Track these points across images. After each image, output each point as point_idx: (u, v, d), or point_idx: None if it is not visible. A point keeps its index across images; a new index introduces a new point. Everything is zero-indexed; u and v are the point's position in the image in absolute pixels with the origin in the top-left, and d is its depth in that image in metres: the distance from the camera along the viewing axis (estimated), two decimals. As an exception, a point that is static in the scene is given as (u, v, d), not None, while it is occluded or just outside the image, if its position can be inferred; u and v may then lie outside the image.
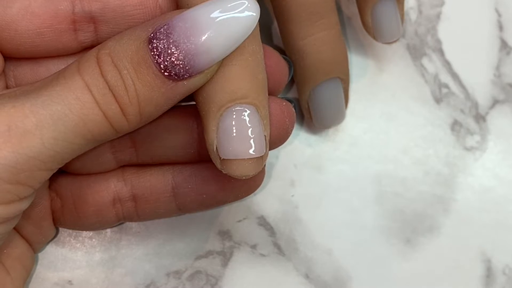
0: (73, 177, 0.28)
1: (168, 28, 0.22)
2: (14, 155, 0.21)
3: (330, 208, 0.32)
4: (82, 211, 0.28)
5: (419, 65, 0.34)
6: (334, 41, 0.30)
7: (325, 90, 0.30)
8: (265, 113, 0.24)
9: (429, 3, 0.35)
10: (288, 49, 0.30)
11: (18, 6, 0.25)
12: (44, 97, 0.22)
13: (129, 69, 0.22)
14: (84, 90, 0.22)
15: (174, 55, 0.22)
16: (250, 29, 0.23)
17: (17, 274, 0.27)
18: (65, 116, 0.22)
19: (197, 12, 0.22)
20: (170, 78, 0.23)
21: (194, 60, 0.22)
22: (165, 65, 0.22)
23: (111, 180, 0.28)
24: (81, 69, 0.23)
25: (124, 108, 0.23)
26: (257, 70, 0.24)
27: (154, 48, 0.22)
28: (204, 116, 0.24)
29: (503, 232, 0.32)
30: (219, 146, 0.23)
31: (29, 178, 0.22)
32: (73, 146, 0.23)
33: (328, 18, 0.29)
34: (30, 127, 0.22)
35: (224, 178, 0.28)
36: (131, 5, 0.25)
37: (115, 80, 0.22)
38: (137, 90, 0.23)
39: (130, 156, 0.28)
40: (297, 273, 0.31)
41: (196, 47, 0.22)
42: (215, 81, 0.23)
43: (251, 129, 0.23)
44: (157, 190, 0.28)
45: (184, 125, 0.27)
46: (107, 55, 0.23)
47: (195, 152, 0.28)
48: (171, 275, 0.30)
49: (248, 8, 0.23)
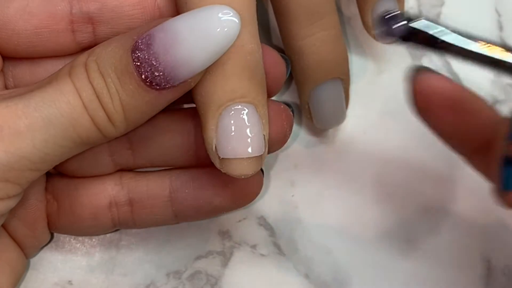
0: (70, 179, 0.28)
1: (149, 39, 0.22)
2: (5, 154, 0.22)
3: (330, 208, 0.32)
4: (78, 214, 0.28)
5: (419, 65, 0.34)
6: (334, 41, 0.30)
7: (326, 91, 0.30)
8: (264, 112, 0.24)
9: (429, 3, 0.35)
10: (288, 49, 0.30)
11: (15, 6, 0.25)
12: (37, 98, 0.22)
13: (113, 78, 0.23)
14: (75, 95, 0.22)
15: (154, 66, 0.22)
16: (232, 39, 0.23)
17: (5, 279, 0.27)
18: (55, 119, 0.22)
19: (176, 23, 0.22)
20: (152, 88, 0.23)
21: (174, 72, 0.22)
22: (146, 75, 0.22)
23: (108, 184, 0.28)
24: (71, 73, 0.23)
25: (110, 115, 0.23)
26: (256, 69, 0.24)
27: (135, 58, 0.22)
28: (203, 115, 0.24)
29: (503, 232, 0.32)
30: (218, 145, 0.23)
31: (18, 177, 0.23)
32: (63, 149, 0.23)
33: (328, 18, 0.29)
34: (22, 128, 0.22)
35: (222, 183, 0.28)
36: (129, 5, 0.25)
37: (101, 88, 0.23)
38: (121, 99, 0.23)
39: (127, 158, 0.28)
40: (297, 273, 0.31)
41: (175, 59, 0.22)
42: (214, 80, 0.23)
43: (250, 128, 0.23)
44: (154, 195, 0.28)
45: (181, 127, 0.27)
46: (93, 61, 0.23)
47: (193, 155, 0.28)
48: (171, 275, 0.30)
49: (230, 16, 0.23)
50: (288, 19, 0.29)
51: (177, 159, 0.28)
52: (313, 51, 0.29)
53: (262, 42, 0.25)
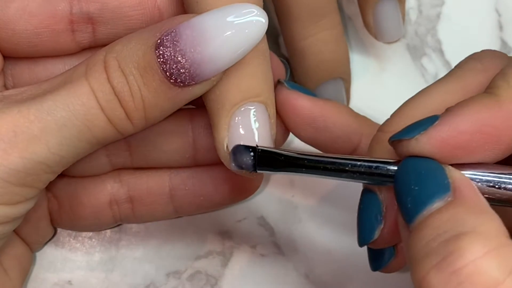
0: (69, 178, 0.28)
1: (175, 35, 0.22)
2: (21, 160, 0.22)
3: (330, 208, 0.32)
4: (79, 213, 0.28)
5: (419, 65, 0.34)
6: (336, 41, 0.30)
7: (327, 90, 0.30)
8: (273, 111, 0.24)
9: (429, 3, 0.35)
10: (290, 49, 0.30)
11: (15, 6, 0.25)
12: (50, 102, 0.22)
13: (136, 75, 0.22)
14: (90, 96, 0.22)
15: (180, 63, 0.22)
16: (258, 38, 0.23)
17: (15, 273, 0.27)
18: (69, 122, 0.22)
19: (204, 19, 0.22)
20: (176, 85, 0.22)
21: (200, 69, 0.22)
22: (171, 72, 0.22)
23: (108, 182, 0.28)
24: (88, 73, 0.23)
25: (130, 113, 0.23)
26: (267, 69, 0.24)
27: (160, 55, 0.22)
28: (216, 114, 0.23)
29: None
30: (230, 144, 0.23)
31: (35, 181, 0.23)
32: (78, 150, 0.23)
33: (330, 18, 0.29)
34: (36, 132, 0.22)
35: (222, 180, 0.28)
36: (129, 6, 0.25)
37: (121, 86, 0.22)
38: (143, 96, 0.23)
39: (124, 159, 0.28)
40: (297, 273, 0.31)
41: (202, 56, 0.22)
42: (229, 79, 0.23)
43: (260, 127, 0.23)
44: (154, 192, 0.28)
45: (179, 129, 0.27)
46: (114, 59, 0.23)
47: (190, 157, 0.28)
48: (171, 275, 0.30)
49: (257, 16, 0.22)
50: (290, 19, 0.29)
51: (175, 160, 0.28)
52: (315, 51, 0.29)
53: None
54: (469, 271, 0.17)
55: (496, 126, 0.20)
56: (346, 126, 0.27)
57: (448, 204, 0.19)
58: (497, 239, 0.18)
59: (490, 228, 0.18)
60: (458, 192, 0.19)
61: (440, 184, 0.19)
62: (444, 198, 0.19)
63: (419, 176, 0.20)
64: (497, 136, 0.20)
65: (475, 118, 0.20)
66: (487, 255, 0.17)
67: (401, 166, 0.21)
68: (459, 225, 0.18)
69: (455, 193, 0.19)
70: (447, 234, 0.18)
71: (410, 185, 0.20)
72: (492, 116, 0.20)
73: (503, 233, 0.18)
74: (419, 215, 0.19)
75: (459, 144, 0.20)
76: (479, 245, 0.17)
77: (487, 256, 0.17)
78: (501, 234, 0.18)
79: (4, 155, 0.21)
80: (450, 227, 0.18)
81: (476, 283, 0.17)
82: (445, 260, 0.17)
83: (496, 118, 0.20)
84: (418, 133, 0.20)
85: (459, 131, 0.20)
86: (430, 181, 0.19)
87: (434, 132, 0.20)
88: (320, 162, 0.22)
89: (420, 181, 0.20)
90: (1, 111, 0.22)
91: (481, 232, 0.18)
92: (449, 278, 0.17)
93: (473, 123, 0.20)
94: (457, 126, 0.20)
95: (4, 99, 0.23)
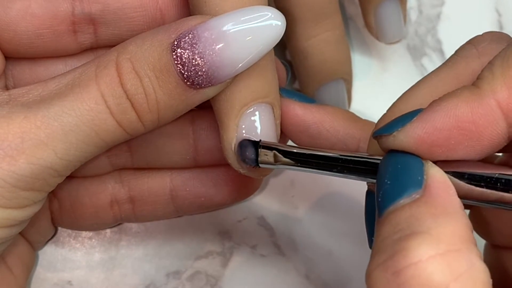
0: (70, 179, 0.28)
1: (194, 37, 0.22)
2: (29, 166, 0.22)
3: (330, 208, 0.32)
4: (80, 213, 0.28)
5: (419, 65, 0.34)
6: (338, 42, 0.30)
7: (329, 91, 0.30)
8: (279, 113, 0.24)
9: (429, 3, 0.35)
10: (292, 50, 0.30)
11: (17, 7, 0.24)
12: (57, 107, 0.22)
13: (151, 77, 0.22)
14: (99, 101, 0.22)
15: (199, 66, 0.22)
16: (276, 41, 0.23)
17: (19, 272, 0.27)
18: (76, 127, 0.22)
19: (222, 21, 0.22)
20: (192, 87, 0.22)
21: (218, 71, 0.22)
22: (188, 74, 0.22)
23: (108, 182, 0.28)
24: (98, 77, 0.22)
25: (142, 115, 0.23)
26: (273, 69, 0.24)
27: (178, 57, 0.22)
28: (225, 114, 0.23)
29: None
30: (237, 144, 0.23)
31: (43, 185, 0.23)
32: (86, 154, 0.23)
33: (332, 18, 0.29)
34: (43, 138, 0.22)
35: (222, 181, 0.28)
36: (131, 8, 0.25)
37: (135, 89, 0.22)
38: (157, 98, 0.22)
39: (125, 160, 0.28)
40: (297, 273, 0.31)
41: (221, 59, 0.22)
42: (239, 80, 0.23)
43: (267, 128, 0.23)
44: (155, 193, 0.28)
45: (180, 131, 0.27)
46: (127, 60, 0.22)
47: (191, 158, 0.28)
48: (171, 276, 0.30)
49: (274, 19, 0.22)
50: (292, 20, 0.29)
51: (175, 161, 0.28)
52: (317, 52, 0.29)
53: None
54: (410, 273, 0.16)
55: (475, 122, 0.18)
56: (342, 132, 0.26)
57: (413, 201, 0.18)
58: (448, 243, 0.17)
59: (446, 231, 0.17)
60: (428, 190, 0.18)
61: (412, 180, 0.18)
62: (412, 195, 0.18)
63: (394, 171, 0.19)
64: (477, 132, 0.19)
65: (452, 114, 0.19)
66: (432, 259, 0.16)
67: (382, 160, 0.20)
68: (416, 224, 0.17)
69: (424, 191, 0.18)
70: (402, 233, 0.17)
71: (384, 179, 0.19)
72: (470, 111, 0.18)
73: (462, 238, 0.17)
74: (386, 210, 0.18)
75: (436, 142, 0.19)
76: (426, 247, 0.16)
77: (433, 259, 0.16)
78: (457, 239, 0.17)
79: (12, 161, 0.21)
80: (407, 225, 0.17)
81: (416, 286, 0.16)
82: (391, 259, 0.17)
83: (475, 114, 0.18)
84: (397, 129, 0.19)
85: (435, 128, 0.19)
86: (403, 177, 0.19)
87: (411, 129, 0.19)
88: (313, 157, 0.22)
89: (393, 176, 0.19)
90: (8, 117, 0.22)
91: (433, 234, 0.17)
92: (390, 278, 0.16)
93: (450, 119, 0.19)
94: (434, 122, 0.19)
95: (10, 100, 0.23)
